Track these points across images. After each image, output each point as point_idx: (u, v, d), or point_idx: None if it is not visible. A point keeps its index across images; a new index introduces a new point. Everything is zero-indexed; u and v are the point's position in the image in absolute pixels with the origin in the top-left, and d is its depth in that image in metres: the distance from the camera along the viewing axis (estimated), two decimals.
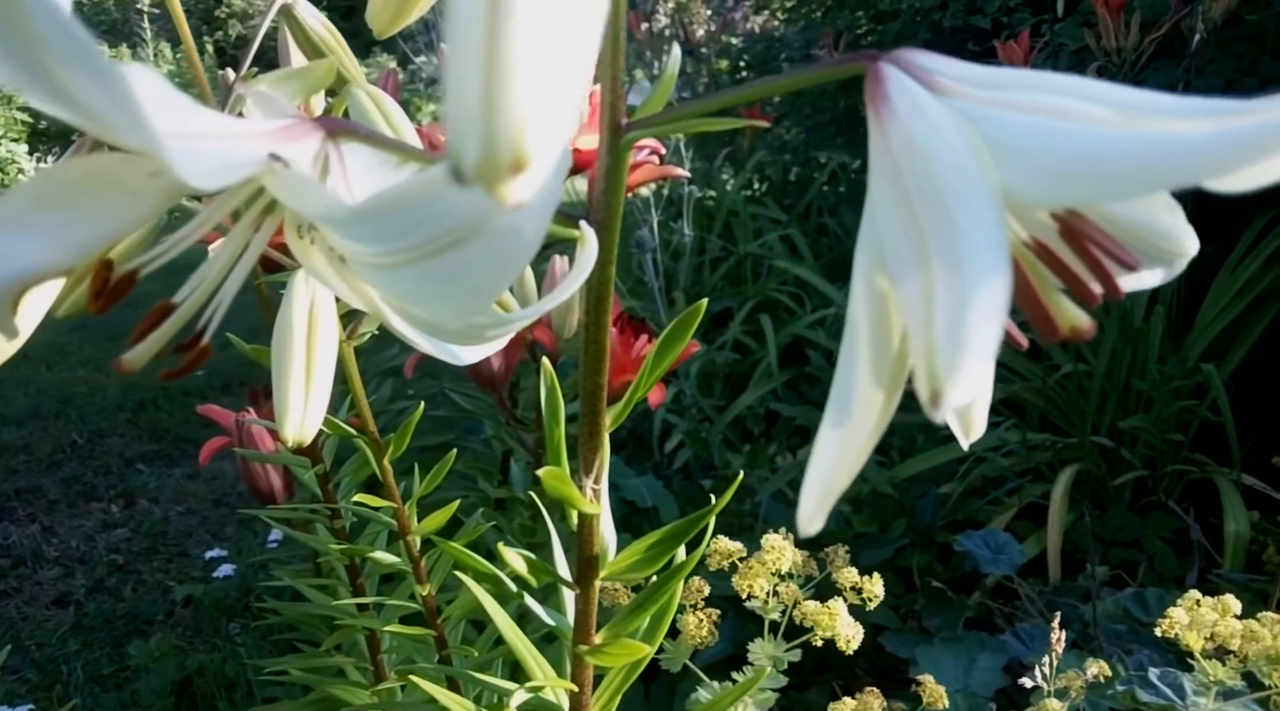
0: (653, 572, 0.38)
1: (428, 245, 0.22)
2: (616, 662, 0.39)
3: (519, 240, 0.22)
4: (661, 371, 0.37)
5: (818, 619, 0.61)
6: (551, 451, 0.38)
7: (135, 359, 0.27)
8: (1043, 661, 0.79)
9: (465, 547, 0.63)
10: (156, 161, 0.26)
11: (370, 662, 0.74)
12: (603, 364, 0.32)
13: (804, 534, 0.24)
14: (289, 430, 0.36)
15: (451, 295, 0.23)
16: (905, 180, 0.22)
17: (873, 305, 0.23)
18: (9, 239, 0.24)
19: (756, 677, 0.46)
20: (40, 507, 2.54)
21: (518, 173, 0.15)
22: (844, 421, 0.23)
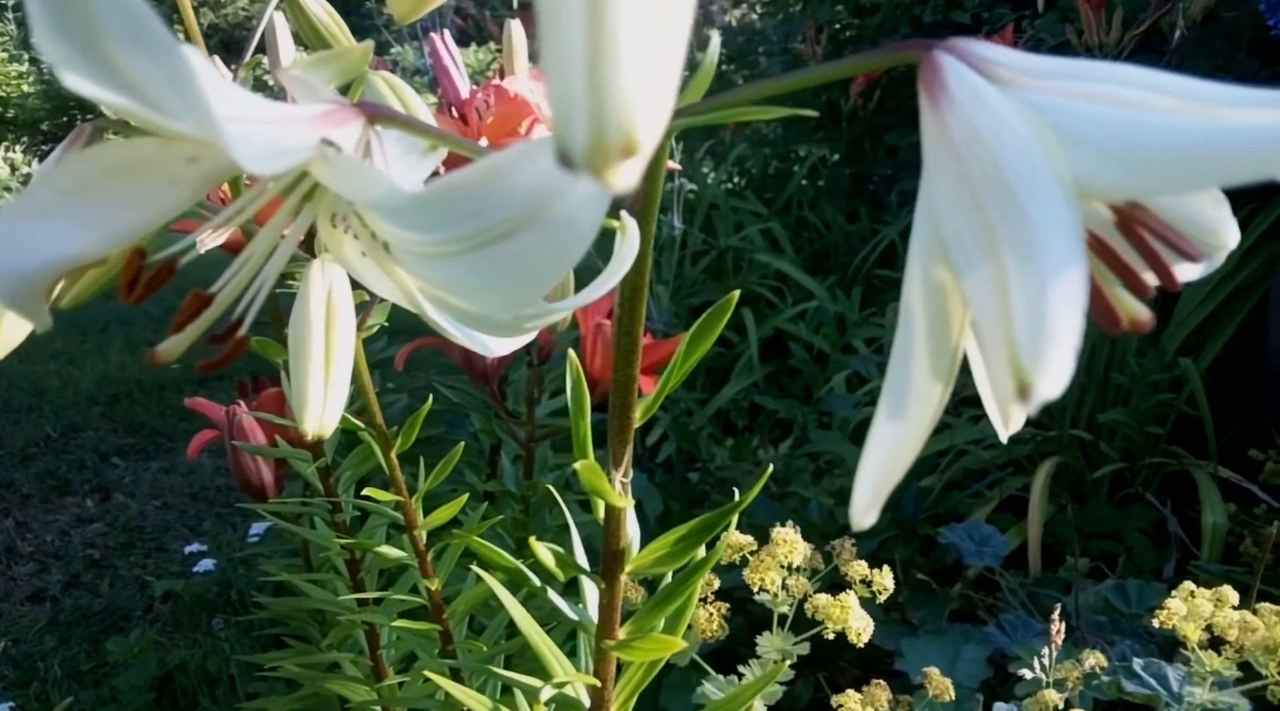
0: (679, 566, 0.38)
1: (482, 234, 0.21)
2: (645, 657, 0.39)
3: (575, 230, 0.22)
4: (692, 364, 0.36)
5: (829, 612, 0.61)
6: (578, 445, 0.37)
7: (171, 349, 0.26)
8: (1041, 653, 0.79)
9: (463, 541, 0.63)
10: (194, 147, 0.25)
11: (370, 658, 0.73)
12: (635, 356, 0.32)
13: (857, 528, 0.24)
14: (309, 423, 0.35)
15: (503, 286, 0.22)
16: (969, 170, 0.21)
17: (930, 297, 0.23)
18: (44, 226, 0.23)
19: (774, 672, 0.46)
20: (13, 502, 2.50)
21: (628, 157, 0.15)
22: (900, 415, 0.23)
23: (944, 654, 1.54)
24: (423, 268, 0.24)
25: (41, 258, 0.23)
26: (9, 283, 0.23)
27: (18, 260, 0.23)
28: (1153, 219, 0.22)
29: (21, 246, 0.23)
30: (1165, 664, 1.18)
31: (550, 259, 0.22)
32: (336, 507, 0.70)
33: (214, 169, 0.24)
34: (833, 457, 2.21)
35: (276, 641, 1.75)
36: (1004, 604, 1.78)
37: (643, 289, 0.31)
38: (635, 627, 0.39)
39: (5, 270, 0.23)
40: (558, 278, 0.22)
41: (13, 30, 7.74)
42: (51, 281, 0.24)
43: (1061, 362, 0.18)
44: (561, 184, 0.21)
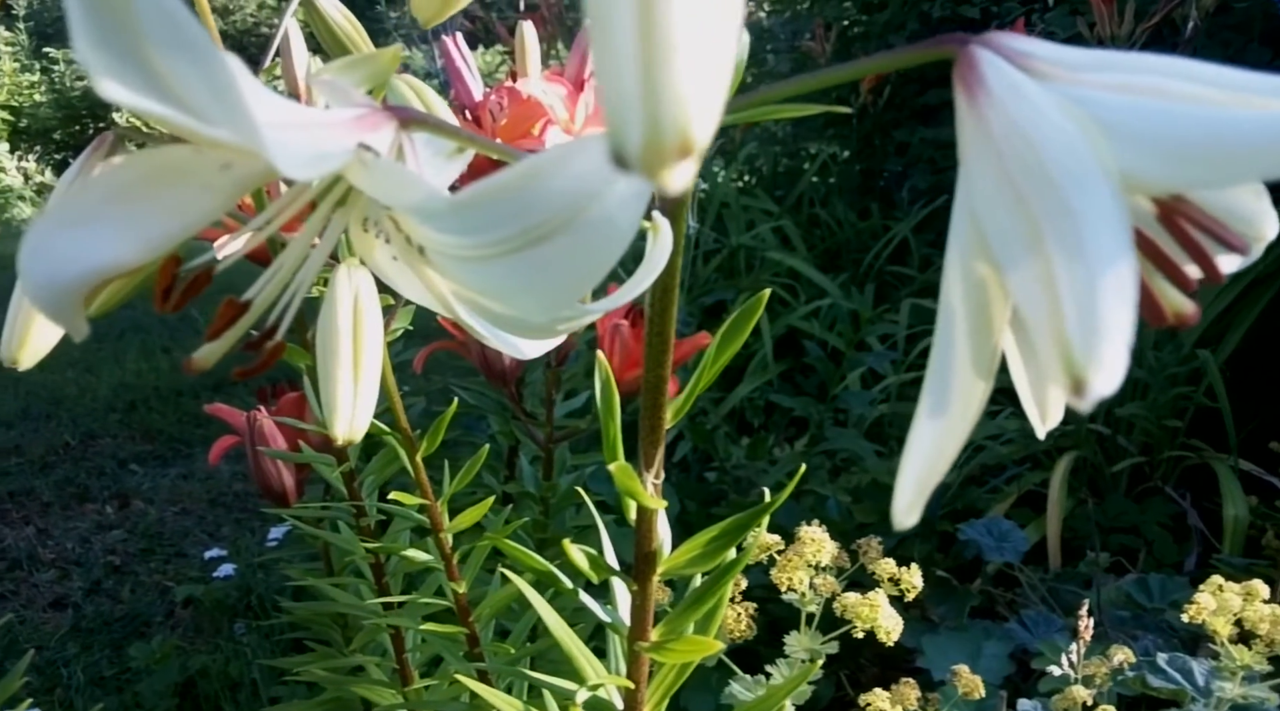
0: (712, 567, 0.38)
1: (521, 237, 0.21)
2: (681, 658, 0.39)
3: (613, 231, 0.22)
4: (723, 363, 0.36)
5: (859, 611, 0.61)
6: (608, 446, 0.37)
7: (207, 356, 0.27)
8: (1069, 649, 0.79)
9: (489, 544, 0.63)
10: (227, 154, 0.25)
11: (395, 661, 0.74)
12: (666, 356, 0.32)
13: (899, 527, 0.24)
14: (339, 429, 0.35)
15: (541, 289, 0.22)
16: (1010, 166, 0.21)
17: (971, 293, 0.23)
18: (83, 233, 0.23)
19: (806, 672, 0.46)
20: (34, 510, 2.52)
21: (684, 157, 0.14)
22: (942, 412, 0.23)
23: (965, 651, 1.54)
24: (459, 271, 0.24)
25: (80, 266, 0.23)
26: (48, 292, 0.23)
27: (57, 269, 0.23)
28: (1196, 211, 0.22)
29: (60, 255, 0.23)
30: (1190, 658, 1.17)
31: (589, 260, 0.22)
32: (360, 512, 0.70)
33: (247, 175, 0.24)
34: (849, 455, 2.20)
35: (297, 645, 1.76)
36: (1024, 600, 1.77)
37: (674, 289, 0.31)
38: (668, 629, 0.39)
39: (44, 279, 0.23)
40: (597, 279, 0.22)
41: (24, 40, 7.79)
42: (90, 290, 0.24)
43: (1115, 358, 0.18)
44: (599, 185, 0.21)
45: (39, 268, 0.23)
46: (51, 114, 7.20)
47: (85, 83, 7.27)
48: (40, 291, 0.24)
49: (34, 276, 0.24)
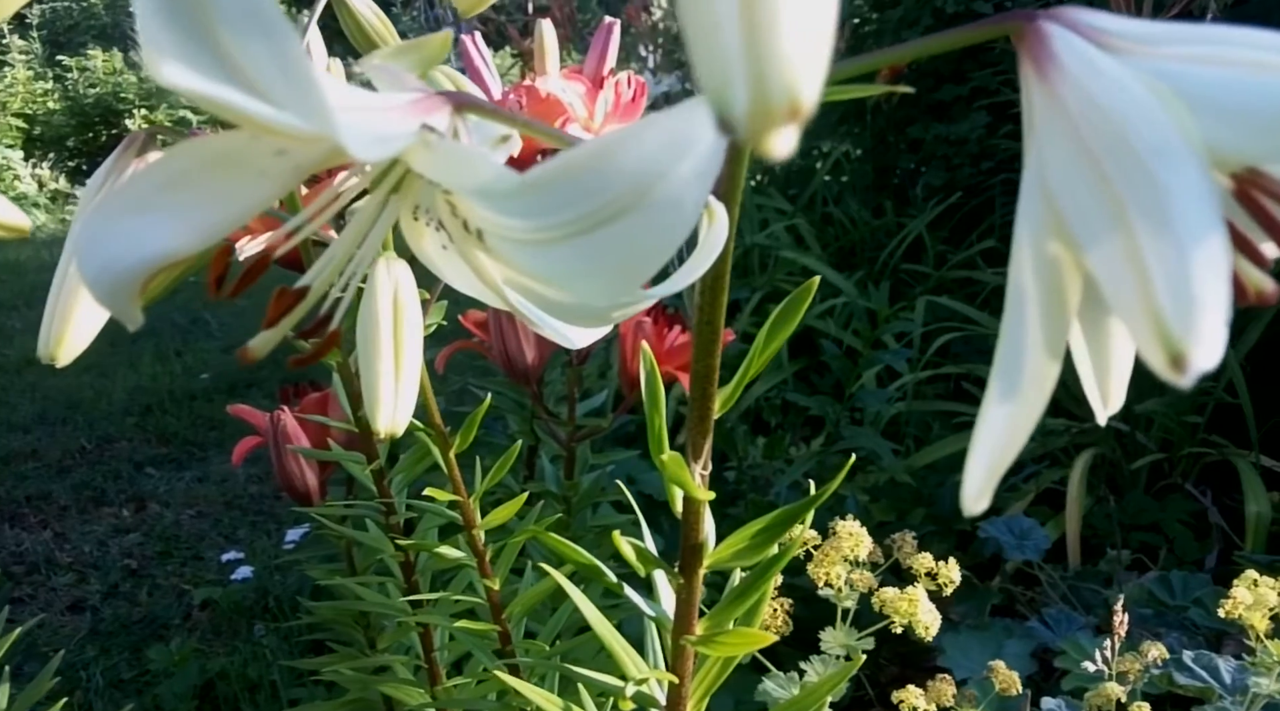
0: (758, 560, 0.37)
1: (587, 219, 0.21)
2: (731, 652, 0.38)
3: (679, 212, 0.21)
4: (771, 352, 0.36)
5: (896, 606, 0.60)
6: (653, 438, 0.37)
7: (262, 345, 0.26)
8: (1102, 646, 0.78)
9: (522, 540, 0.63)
10: (282, 140, 0.25)
11: (424, 660, 0.73)
12: (715, 345, 0.32)
13: (969, 514, 0.24)
14: (382, 423, 0.35)
15: (605, 272, 0.22)
16: (1089, 142, 0.21)
17: (1044, 273, 0.22)
18: (140, 222, 0.23)
19: (849, 668, 0.45)
20: (51, 513, 2.53)
21: (794, 119, 0.14)
22: (1014, 396, 0.23)
23: (986, 649, 1.53)
24: (520, 256, 0.24)
25: (138, 254, 0.23)
26: (106, 280, 0.23)
27: (114, 257, 0.23)
28: (1273, 184, 0.22)
29: (117, 243, 0.23)
30: (1216, 656, 1.16)
31: (654, 243, 0.21)
32: (390, 510, 0.70)
33: (302, 161, 0.24)
34: (866, 454, 2.19)
35: (315, 647, 1.76)
36: (1044, 598, 1.76)
37: (725, 276, 0.30)
38: (712, 623, 0.39)
39: (102, 268, 0.23)
40: (661, 262, 0.22)
41: (38, 49, 7.84)
42: (146, 279, 0.24)
43: (1213, 331, 0.17)
44: (665, 164, 0.21)
45: (96, 256, 0.23)
46: (65, 121, 7.24)
47: (98, 90, 7.31)
48: (97, 280, 0.23)
49: (91, 265, 0.23)
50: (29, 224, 0.43)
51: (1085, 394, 0.27)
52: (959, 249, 2.95)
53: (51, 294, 0.43)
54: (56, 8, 10.05)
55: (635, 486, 1.95)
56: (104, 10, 10.03)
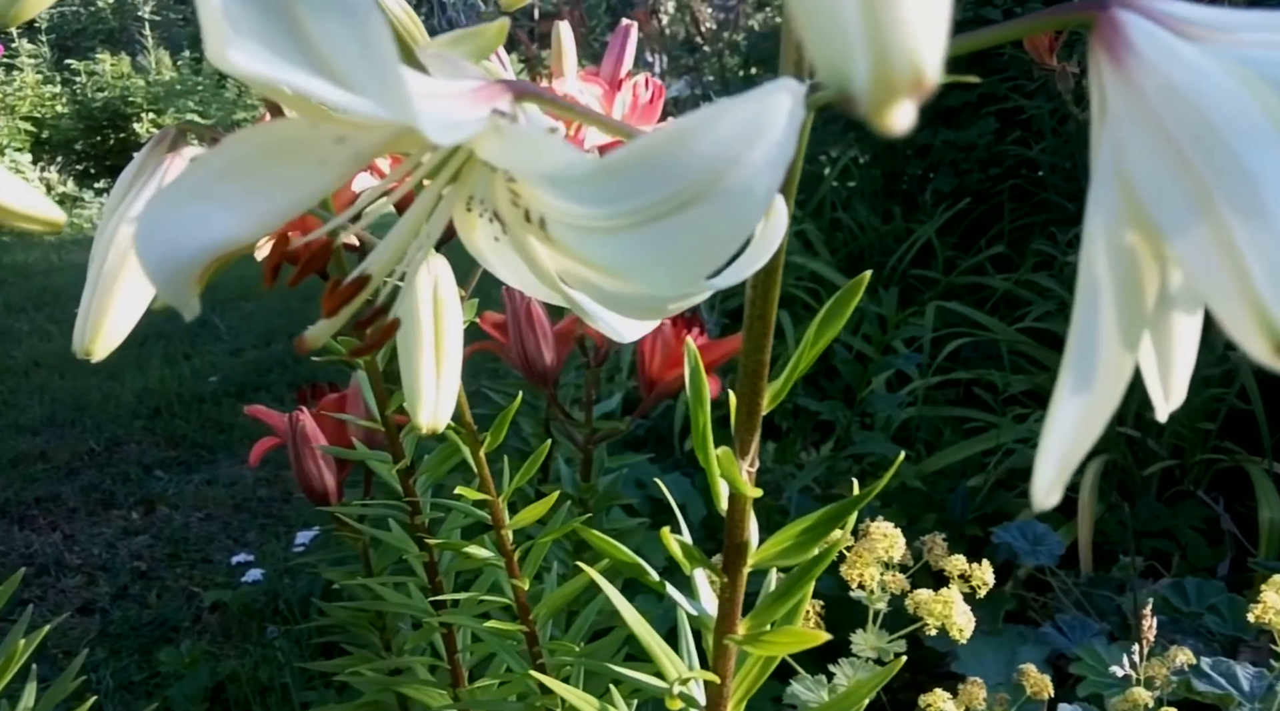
0: (803, 559, 0.37)
1: (658, 206, 0.21)
2: (781, 650, 0.38)
3: (751, 199, 0.21)
4: (820, 348, 0.35)
5: (931, 608, 0.60)
6: (697, 435, 0.37)
7: (320, 334, 0.26)
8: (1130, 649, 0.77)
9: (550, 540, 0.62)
10: (342, 127, 0.25)
11: (446, 662, 0.73)
12: (766, 340, 0.31)
13: (1039, 509, 0.23)
14: (423, 418, 0.35)
15: (672, 261, 0.22)
16: (1172, 130, 0.21)
17: (1119, 264, 0.22)
18: (200, 209, 0.23)
19: (889, 670, 0.45)
20: (60, 515, 2.53)
21: (917, 91, 0.14)
22: (1087, 388, 0.22)
23: (1000, 655, 1.52)
24: (585, 244, 0.23)
25: (199, 242, 0.23)
26: (166, 269, 0.23)
27: (175, 245, 0.23)
28: None
29: (178, 231, 0.23)
30: (1234, 663, 1.16)
31: (724, 231, 0.21)
32: (416, 509, 0.69)
33: (362, 149, 0.24)
34: (876, 458, 2.19)
35: (327, 650, 1.76)
36: (1056, 604, 1.75)
37: (778, 270, 0.30)
38: (754, 622, 0.38)
39: (162, 256, 0.23)
40: (729, 252, 0.22)
41: (46, 53, 7.86)
42: (206, 267, 0.24)
43: None
44: (738, 151, 0.21)
45: (156, 245, 0.23)
46: (73, 125, 7.25)
47: (106, 94, 7.32)
48: (158, 268, 0.23)
49: (151, 254, 0.23)
50: (63, 218, 0.43)
51: (1147, 389, 0.26)
52: (968, 254, 2.95)
53: (86, 289, 0.42)
54: (64, 12, 10.09)
55: (645, 490, 1.95)
56: (111, 15, 10.06)
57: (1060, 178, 2.90)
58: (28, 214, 0.41)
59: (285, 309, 4.20)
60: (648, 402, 1.00)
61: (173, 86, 7.61)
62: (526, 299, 0.90)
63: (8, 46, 7.64)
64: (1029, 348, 2.38)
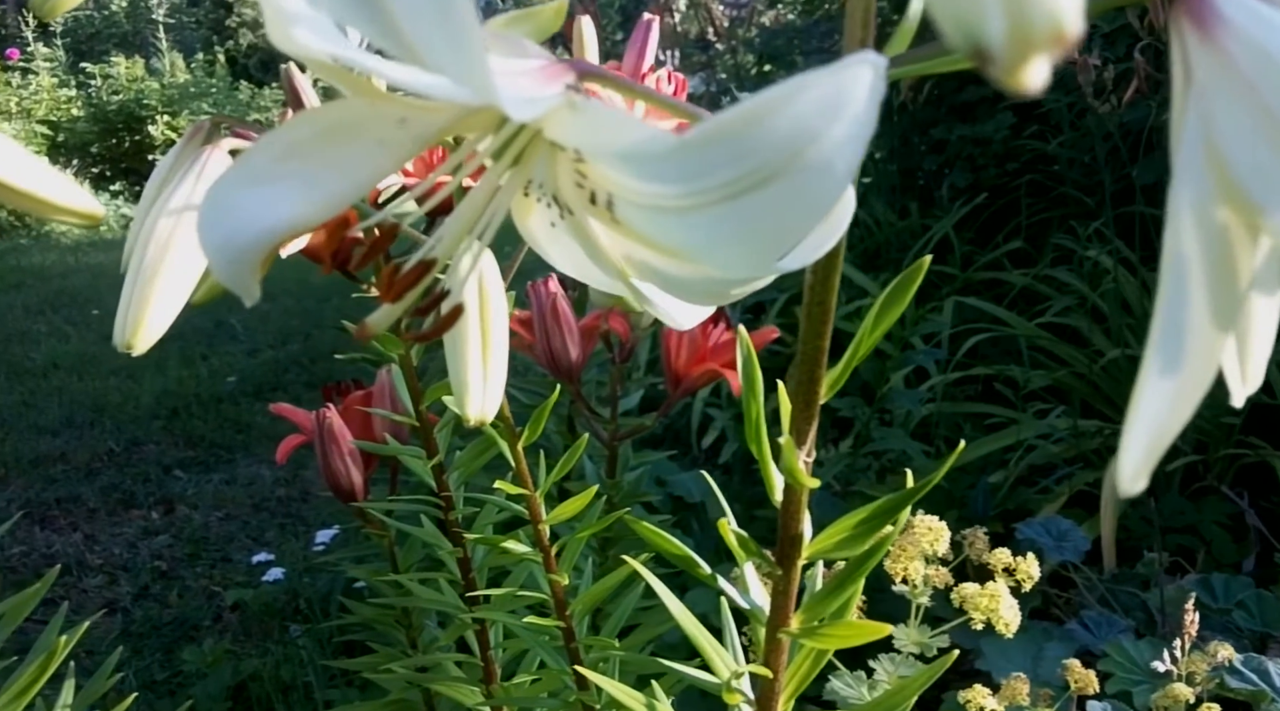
0: (859, 551, 0.36)
1: (737, 182, 0.20)
2: (840, 644, 0.37)
3: (831, 177, 0.20)
4: (880, 334, 0.35)
5: (977, 602, 0.59)
6: (750, 426, 0.36)
7: (382, 319, 0.26)
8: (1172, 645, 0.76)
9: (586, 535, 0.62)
10: (403, 109, 0.24)
11: (480, 659, 0.72)
12: (826, 326, 0.31)
13: (1126, 494, 0.23)
14: (471, 410, 0.35)
15: (747, 241, 0.21)
16: (1267, 99, 0.20)
17: (1211, 239, 0.21)
18: (263, 192, 0.22)
19: (939, 666, 0.44)
20: (81, 516, 2.54)
21: (1056, 46, 0.13)
22: (1176, 370, 0.22)
23: (1026, 652, 1.51)
24: (655, 225, 0.23)
25: (261, 226, 0.22)
26: (227, 253, 0.23)
27: (236, 230, 0.22)
28: None
29: (239, 215, 0.22)
30: (1265, 659, 1.14)
31: (801, 210, 0.21)
32: (449, 505, 0.69)
33: (422, 131, 0.23)
34: (895, 455, 2.18)
35: (348, 648, 1.76)
36: (1080, 600, 1.73)
37: (839, 256, 0.29)
38: (807, 616, 0.38)
39: (223, 240, 0.22)
40: (806, 231, 0.21)
41: (61, 56, 7.91)
42: (268, 252, 0.23)
43: None
44: (819, 127, 0.20)
45: (217, 230, 0.23)
46: (88, 128, 7.29)
47: (121, 97, 7.36)
48: (220, 253, 0.23)
49: (212, 239, 0.23)
50: (103, 211, 0.43)
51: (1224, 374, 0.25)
52: (985, 250, 2.93)
53: (127, 282, 0.42)
54: (79, 16, 10.15)
55: (665, 488, 1.94)
56: (125, 19, 10.12)
57: (1078, 172, 2.88)
58: (68, 207, 0.41)
59: (301, 309, 4.21)
60: (674, 398, 0.99)
61: (186, 89, 7.65)
62: (552, 294, 0.89)
63: (23, 50, 7.69)
64: (1049, 343, 2.36)
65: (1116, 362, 2.19)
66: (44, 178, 0.42)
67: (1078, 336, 2.36)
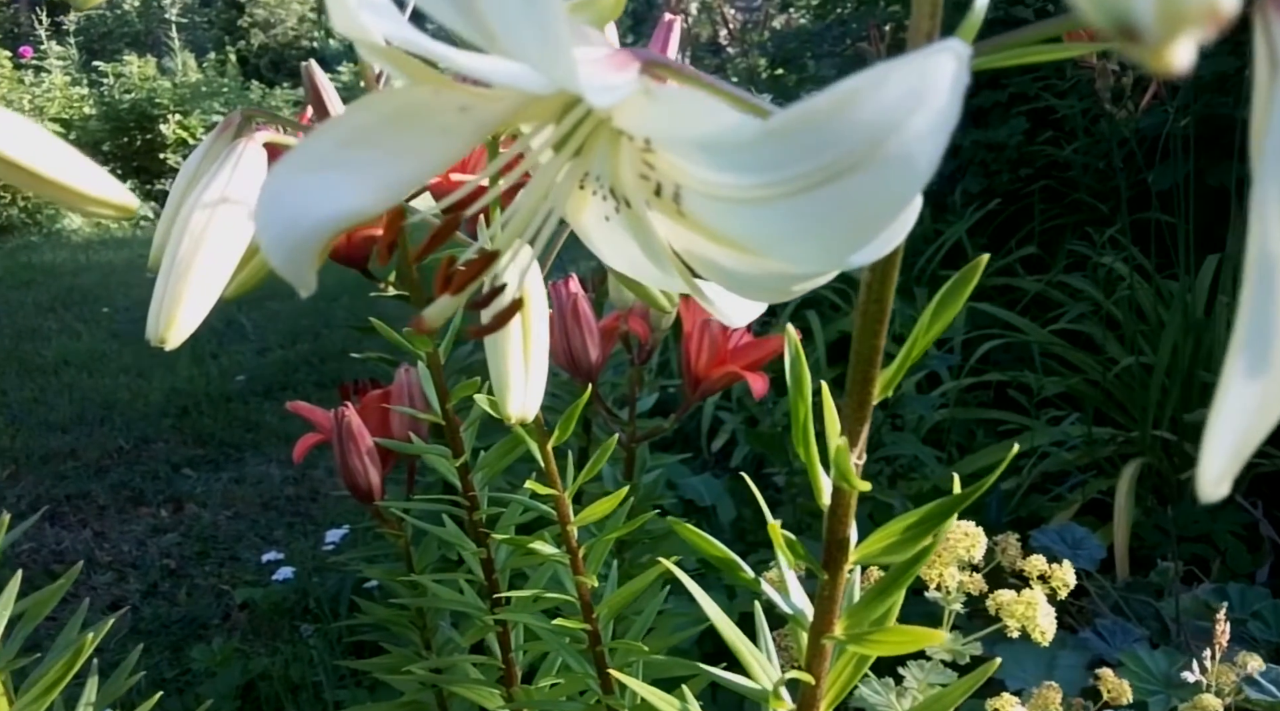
0: (906, 556, 0.35)
1: (817, 173, 0.20)
2: (892, 650, 0.37)
3: (911, 170, 0.20)
4: (936, 333, 0.34)
5: (1013, 610, 0.59)
6: (797, 429, 0.35)
7: (440, 313, 0.25)
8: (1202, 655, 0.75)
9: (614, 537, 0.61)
10: (466, 96, 0.24)
11: (501, 661, 0.72)
12: (882, 326, 0.30)
13: (1208, 500, 0.22)
14: (512, 408, 0.34)
15: (823, 234, 0.20)
16: None
17: None
18: (323, 179, 0.22)
19: (982, 675, 0.43)
20: (90, 513, 2.54)
21: (1212, 22, 0.12)
22: (1264, 371, 0.21)
23: (1040, 660, 1.50)
24: (727, 217, 0.22)
25: (322, 213, 0.22)
26: (287, 241, 0.22)
27: (296, 218, 0.22)
28: None
29: (300, 202, 0.22)
30: None
31: (881, 202, 0.20)
32: (474, 505, 0.68)
33: (485, 118, 0.23)
34: (908, 460, 2.17)
35: (357, 648, 1.75)
36: (1094, 609, 1.72)
37: (898, 253, 0.29)
38: (851, 621, 0.37)
39: (284, 230, 0.22)
40: (884, 225, 0.20)
41: (74, 54, 7.94)
42: (328, 240, 0.23)
43: None
44: (900, 117, 0.20)
45: (277, 218, 0.22)
46: (100, 126, 7.31)
47: (133, 96, 7.38)
48: (278, 242, 0.22)
49: (271, 227, 0.22)
50: (136, 203, 0.43)
51: None
52: (998, 255, 2.92)
53: (160, 276, 0.42)
54: (91, 15, 10.19)
55: (676, 492, 1.93)
56: (137, 18, 10.16)
57: (1092, 178, 2.87)
58: (102, 199, 0.41)
59: (311, 309, 4.21)
60: (691, 400, 0.99)
61: (198, 88, 7.67)
62: (573, 295, 0.89)
63: (36, 49, 7.72)
64: (1062, 350, 2.35)
65: (1130, 370, 2.18)
66: (78, 168, 0.41)
67: (1091, 343, 2.35)
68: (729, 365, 0.94)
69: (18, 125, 0.40)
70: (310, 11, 11.65)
